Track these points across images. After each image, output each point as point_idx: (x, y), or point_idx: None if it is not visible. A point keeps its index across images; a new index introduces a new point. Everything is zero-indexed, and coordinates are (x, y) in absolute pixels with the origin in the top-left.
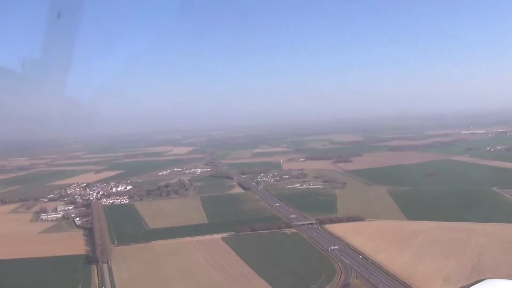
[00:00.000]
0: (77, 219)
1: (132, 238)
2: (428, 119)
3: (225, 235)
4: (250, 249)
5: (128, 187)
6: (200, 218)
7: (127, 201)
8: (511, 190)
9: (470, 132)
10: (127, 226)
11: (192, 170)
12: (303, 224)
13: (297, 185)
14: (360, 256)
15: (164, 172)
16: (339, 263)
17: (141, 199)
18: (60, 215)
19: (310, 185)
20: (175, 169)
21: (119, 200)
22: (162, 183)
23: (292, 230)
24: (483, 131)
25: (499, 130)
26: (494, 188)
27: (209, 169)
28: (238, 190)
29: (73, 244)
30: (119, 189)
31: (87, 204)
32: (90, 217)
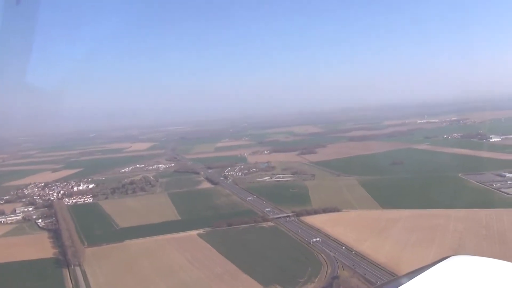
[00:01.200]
0: (39, 220)
1: (102, 238)
2: (382, 110)
3: (201, 231)
4: (229, 244)
5: (91, 186)
6: (172, 215)
7: (91, 200)
8: (475, 176)
9: (425, 121)
10: (95, 226)
11: (155, 166)
12: (280, 217)
13: (266, 178)
14: (343, 247)
15: (126, 169)
16: (323, 255)
17: (106, 198)
18: (20, 217)
19: (279, 177)
20: (137, 165)
21: (82, 200)
22: (126, 180)
23: (270, 223)
24: (437, 120)
25: (452, 119)
26: (460, 175)
27: (172, 165)
28: (206, 185)
29: (38, 247)
30: (80, 188)
31: (49, 205)
32: (53, 218)
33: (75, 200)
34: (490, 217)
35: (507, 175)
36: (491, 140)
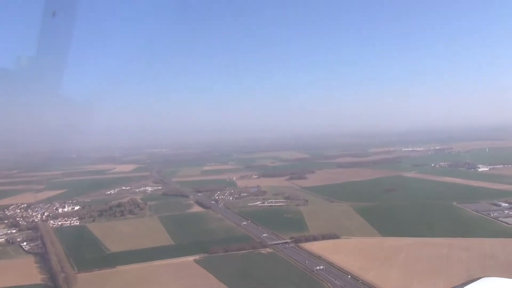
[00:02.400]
0: (24, 243)
1: (93, 263)
2: (365, 137)
3: (197, 257)
4: (229, 271)
5: (76, 207)
6: (164, 240)
7: (78, 223)
8: (470, 205)
9: (410, 149)
10: (85, 250)
11: (142, 188)
12: (278, 243)
13: (258, 202)
14: (349, 276)
15: (112, 191)
16: (329, 284)
17: (93, 220)
18: (4, 239)
19: (271, 202)
20: (123, 187)
21: (68, 222)
22: (113, 202)
23: (268, 249)
24: (422, 149)
25: (437, 148)
26: (454, 203)
27: (160, 187)
28: (197, 208)
29: (25, 272)
30: (66, 209)
31: (33, 227)
32: (39, 241)
33: (61, 222)
34: (494, 247)
35: (503, 204)
36: (479, 170)
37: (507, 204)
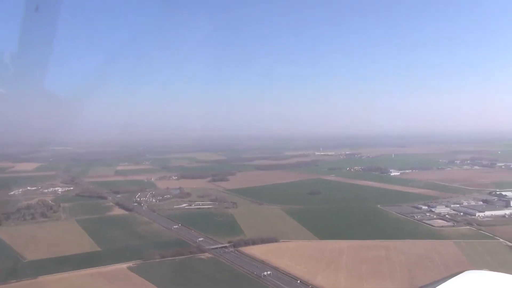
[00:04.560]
0: None
1: (9, 274)
2: (278, 140)
3: (130, 264)
4: (170, 279)
5: None
6: (88, 245)
7: None
8: (393, 207)
9: (322, 153)
10: None
11: (51, 189)
12: (217, 248)
13: (184, 205)
14: (299, 281)
15: (16, 192)
16: None
17: None
18: None
19: (199, 205)
20: (28, 187)
21: None
22: (20, 204)
23: (207, 255)
24: (333, 153)
25: (347, 152)
26: (379, 206)
27: (72, 188)
28: (119, 211)
29: None
30: None
31: None
32: None
33: None
34: (427, 249)
35: (423, 207)
36: (391, 174)
37: (426, 207)
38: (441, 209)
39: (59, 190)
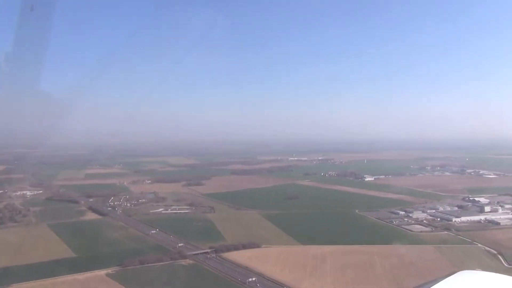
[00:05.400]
0: None
1: None
2: (250, 145)
3: (109, 271)
4: (152, 287)
5: None
6: (63, 251)
7: None
8: (371, 212)
9: (296, 159)
10: None
11: (19, 192)
12: (198, 254)
13: (160, 209)
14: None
15: None
16: None
17: None
18: None
19: (175, 209)
20: None
21: None
22: None
23: (188, 261)
24: (306, 159)
25: (320, 158)
26: (357, 211)
27: (41, 192)
28: (93, 216)
29: None
30: None
31: None
32: None
33: None
34: (409, 254)
35: (400, 212)
36: (365, 180)
37: (403, 212)
38: (418, 215)
39: (28, 194)
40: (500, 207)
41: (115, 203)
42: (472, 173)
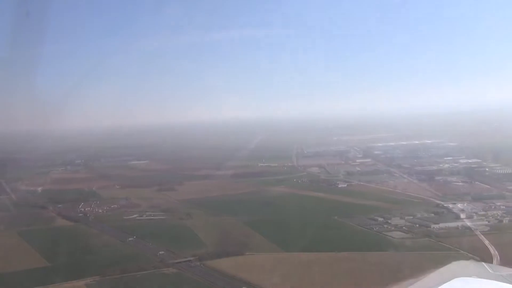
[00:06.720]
0: None
1: None
2: (213, 150)
3: (88, 281)
4: None
5: None
6: (35, 260)
7: None
8: (351, 219)
9: (265, 164)
10: None
11: None
12: (181, 262)
13: (135, 215)
14: None
15: None
16: None
17: None
18: None
19: (150, 215)
20: None
21: None
22: None
23: (171, 269)
24: (277, 164)
25: (289, 164)
26: (336, 217)
27: (4, 196)
28: (63, 222)
29: None
30: None
31: None
32: None
33: None
34: (395, 261)
35: (379, 219)
36: (339, 186)
37: (382, 219)
38: (397, 221)
39: None
40: (475, 214)
41: (86, 209)
42: (440, 180)
